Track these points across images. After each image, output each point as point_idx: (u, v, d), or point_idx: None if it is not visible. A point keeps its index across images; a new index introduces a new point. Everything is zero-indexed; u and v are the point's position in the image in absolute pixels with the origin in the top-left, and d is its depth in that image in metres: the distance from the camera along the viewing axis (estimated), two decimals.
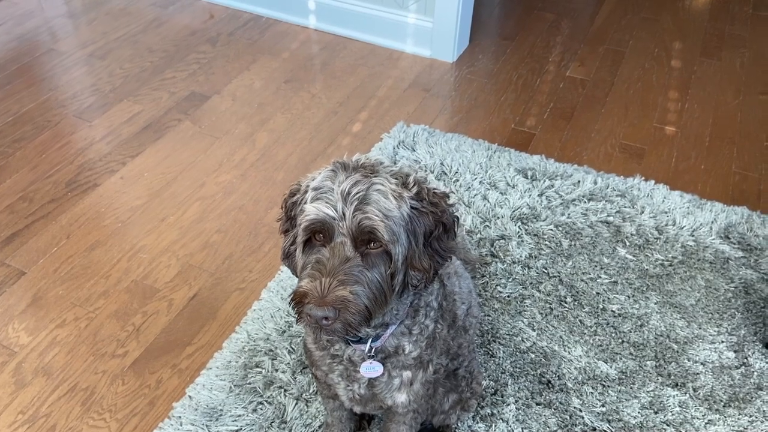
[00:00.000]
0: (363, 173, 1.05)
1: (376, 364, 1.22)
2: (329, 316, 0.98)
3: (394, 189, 1.05)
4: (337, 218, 1.01)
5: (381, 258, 1.04)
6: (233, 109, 2.92)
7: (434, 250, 1.10)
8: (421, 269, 1.08)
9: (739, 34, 3.54)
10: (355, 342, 1.20)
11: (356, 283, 1.01)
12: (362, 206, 1.01)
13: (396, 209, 1.03)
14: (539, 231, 2.29)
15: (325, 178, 1.06)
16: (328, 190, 1.03)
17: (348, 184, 1.02)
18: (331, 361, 1.28)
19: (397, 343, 1.23)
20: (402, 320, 1.21)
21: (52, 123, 2.80)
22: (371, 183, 1.03)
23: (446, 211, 1.11)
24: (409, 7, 3.19)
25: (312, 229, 1.04)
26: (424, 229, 1.08)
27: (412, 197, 1.06)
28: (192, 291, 2.10)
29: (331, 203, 1.02)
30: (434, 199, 1.10)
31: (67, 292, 2.09)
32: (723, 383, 1.85)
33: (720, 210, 2.37)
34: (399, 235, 1.04)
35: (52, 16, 3.56)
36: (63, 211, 2.38)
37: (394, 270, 1.05)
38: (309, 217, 1.04)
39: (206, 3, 3.68)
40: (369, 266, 1.03)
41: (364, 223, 1.00)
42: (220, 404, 1.76)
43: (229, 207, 2.43)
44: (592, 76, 3.18)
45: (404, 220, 1.04)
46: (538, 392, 1.81)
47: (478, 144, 2.68)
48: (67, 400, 1.81)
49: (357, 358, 1.24)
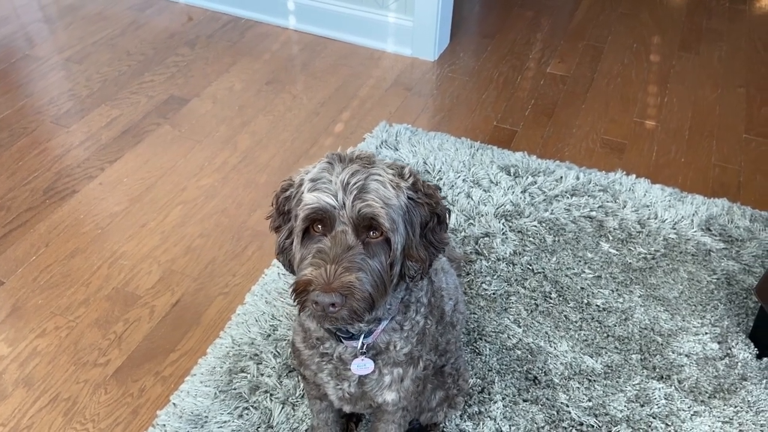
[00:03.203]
0: (360, 164, 1.06)
1: (368, 360, 1.22)
2: (336, 302, 0.98)
3: (392, 179, 1.06)
4: (337, 207, 1.01)
5: (381, 247, 1.05)
6: (214, 112, 2.89)
7: (429, 241, 1.12)
8: (418, 259, 1.09)
9: (716, 27, 3.58)
10: (347, 339, 1.20)
11: (360, 270, 1.01)
12: (362, 195, 1.02)
13: (395, 198, 1.04)
14: (523, 228, 2.29)
15: (321, 170, 1.06)
16: (327, 181, 1.03)
17: (346, 174, 1.03)
18: (320, 360, 1.27)
19: (388, 339, 1.23)
20: (393, 316, 1.21)
21: (29, 129, 2.75)
22: (369, 173, 1.04)
23: (440, 202, 1.13)
24: (389, 6, 3.19)
25: (312, 218, 1.04)
26: (420, 219, 1.09)
27: (408, 187, 1.08)
28: (174, 297, 2.08)
29: (331, 192, 1.02)
30: (428, 190, 1.12)
31: (46, 301, 2.06)
32: (707, 375, 1.86)
33: (701, 202, 2.39)
34: (398, 224, 1.05)
35: (27, 22, 3.50)
36: (41, 219, 2.34)
37: (393, 259, 1.06)
38: (309, 206, 1.03)
39: (184, 5, 3.65)
40: (370, 255, 1.03)
41: (365, 210, 1.01)
42: (205, 411, 1.74)
43: (211, 211, 2.40)
44: (572, 73, 3.20)
45: (402, 209, 1.06)
46: (524, 389, 1.81)
47: (461, 142, 2.68)
48: (48, 410, 1.78)
49: (347, 355, 1.23)
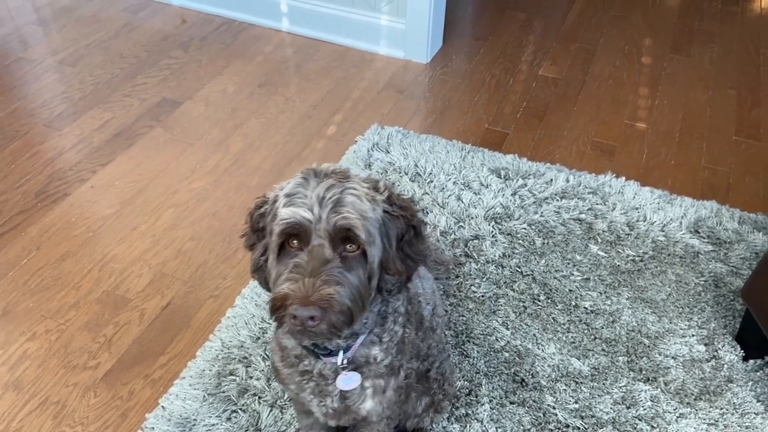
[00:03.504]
0: (336, 178, 1.06)
1: (353, 374, 1.21)
2: (315, 315, 0.97)
3: (367, 192, 1.06)
4: (313, 221, 1.01)
5: (358, 261, 1.04)
6: (206, 115, 2.90)
7: (406, 254, 1.12)
8: (396, 272, 1.09)
9: (708, 29, 3.59)
10: (326, 355, 1.19)
11: (338, 284, 1.00)
12: (338, 208, 1.02)
13: (371, 211, 1.05)
14: (513, 230, 2.30)
15: (296, 185, 1.06)
16: (303, 196, 1.03)
17: (322, 188, 1.03)
18: (301, 379, 1.26)
19: (367, 353, 1.22)
20: (371, 329, 1.21)
21: (21, 132, 2.76)
22: (345, 187, 1.04)
23: (415, 215, 1.13)
24: (382, 8, 3.20)
25: (288, 232, 1.03)
26: (396, 232, 1.09)
27: (384, 201, 1.08)
28: (165, 300, 2.09)
29: (307, 206, 1.02)
30: (403, 203, 1.12)
31: (37, 305, 2.07)
32: (694, 377, 1.87)
33: (690, 205, 2.40)
34: (375, 237, 1.05)
35: (21, 24, 3.51)
36: (33, 222, 2.35)
37: (370, 272, 1.06)
38: (285, 220, 1.03)
39: (178, 8, 3.65)
40: (348, 268, 1.03)
41: (341, 222, 1.01)
42: (194, 414, 1.75)
43: (203, 214, 2.41)
44: (564, 75, 3.21)
45: (378, 222, 1.06)
46: (512, 391, 1.82)
47: (452, 145, 2.69)
48: (38, 414, 1.79)
49: (328, 371, 1.22)
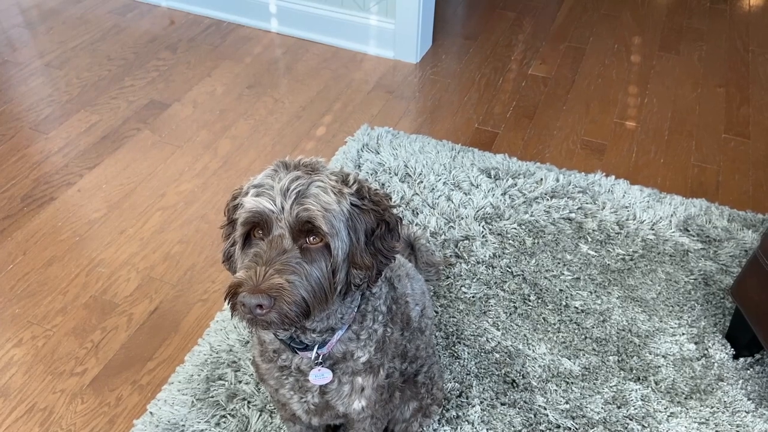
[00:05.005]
0: (304, 170, 1.06)
1: (325, 370, 1.21)
2: (263, 303, 0.97)
3: (333, 185, 1.06)
4: (276, 212, 1.02)
5: (321, 253, 1.04)
6: (194, 117, 2.88)
7: (377, 249, 1.11)
8: (363, 267, 1.08)
9: (696, 27, 3.60)
10: (302, 350, 1.19)
11: (293, 273, 1.00)
12: (301, 199, 1.02)
13: (335, 204, 1.04)
14: (503, 230, 2.30)
15: (265, 176, 1.07)
16: (269, 187, 1.04)
17: (287, 180, 1.03)
18: (280, 375, 1.26)
19: (344, 349, 1.22)
20: (349, 325, 1.21)
21: (7, 136, 2.73)
22: (311, 179, 1.05)
23: (388, 210, 1.12)
24: (371, 8, 3.18)
25: (250, 221, 1.04)
26: (365, 226, 1.09)
27: (352, 194, 1.07)
28: (153, 304, 2.07)
29: (270, 197, 1.02)
30: (375, 197, 1.11)
31: (23, 310, 2.04)
32: (684, 375, 1.87)
33: (679, 203, 2.40)
34: (339, 230, 1.04)
35: (8, 27, 3.47)
36: (19, 226, 2.32)
37: (335, 266, 1.05)
38: (247, 210, 1.04)
39: (166, 9, 3.63)
40: (309, 260, 1.03)
41: (302, 214, 1.01)
42: (182, 419, 1.74)
43: (191, 217, 2.39)
44: (553, 74, 3.21)
45: (344, 215, 1.05)
46: (502, 392, 1.82)
47: (442, 145, 2.68)
48: (25, 421, 1.77)
49: (305, 366, 1.22)
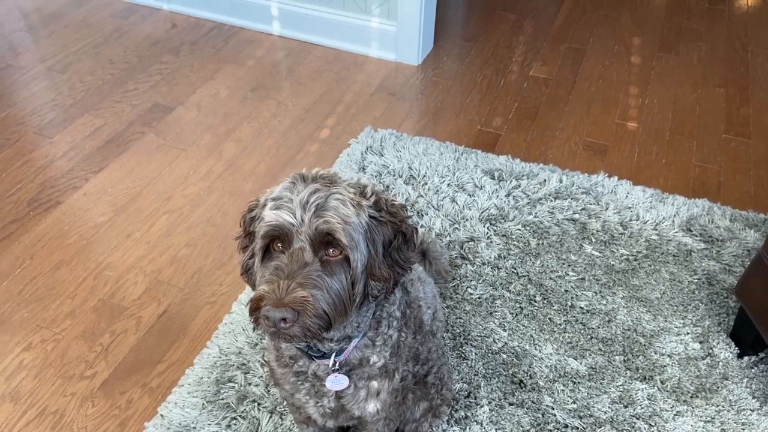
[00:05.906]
0: (322, 183, 1.07)
1: (342, 377, 1.23)
2: (287, 317, 0.97)
3: (352, 198, 1.06)
4: (296, 224, 1.02)
5: (341, 266, 1.04)
6: (198, 120, 2.89)
7: (394, 260, 1.11)
8: (381, 278, 1.09)
9: (696, 28, 3.62)
10: (319, 357, 1.20)
11: (315, 287, 1.00)
12: (321, 212, 1.02)
13: (355, 216, 1.05)
14: (507, 231, 2.32)
15: (284, 189, 1.07)
16: (288, 200, 1.04)
17: (307, 192, 1.04)
18: (296, 380, 1.27)
19: (361, 356, 1.23)
20: (365, 332, 1.21)
21: (12, 141, 2.74)
22: (330, 192, 1.05)
23: (404, 221, 1.13)
24: (372, 11, 3.20)
25: (271, 235, 1.05)
26: (383, 238, 1.09)
27: (370, 206, 1.08)
28: (161, 307, 2.08)
29: (291, 210, 1.03)
30: (392, 209, 1.12)
31: (32, 314, 2.05)
32: (689, 374, 1.89)
33: (681, 203, 2.42)
34: (358, 242, 1.05)
35: (10, 31, 3.48)
36: (26, 231, 2.33)
37: (354, 278, 1.06)
38: (268, 223, 1.04)
39: (168, 12, 3.64)
40: (329, 273, 1.03)
41: (323, 227, 1.01)
42: (193, 422, 1.75)
43: (197, 220, 2.40)
44: (554, 75, 3.23)
45: (363, 228, 1.06)
46: (510, 392, 1.83)
47: (445, 146, 2.70)
48: (36, 424, 1.78)
49: (322, 372, 1.24)
